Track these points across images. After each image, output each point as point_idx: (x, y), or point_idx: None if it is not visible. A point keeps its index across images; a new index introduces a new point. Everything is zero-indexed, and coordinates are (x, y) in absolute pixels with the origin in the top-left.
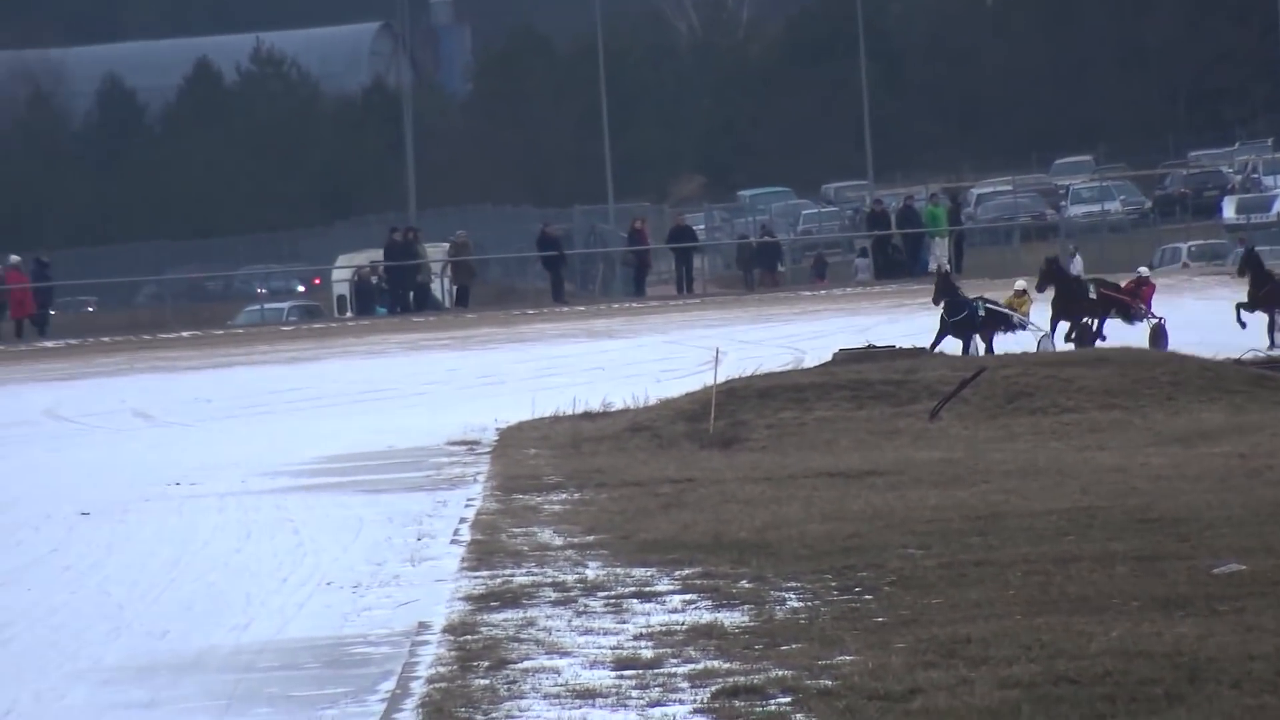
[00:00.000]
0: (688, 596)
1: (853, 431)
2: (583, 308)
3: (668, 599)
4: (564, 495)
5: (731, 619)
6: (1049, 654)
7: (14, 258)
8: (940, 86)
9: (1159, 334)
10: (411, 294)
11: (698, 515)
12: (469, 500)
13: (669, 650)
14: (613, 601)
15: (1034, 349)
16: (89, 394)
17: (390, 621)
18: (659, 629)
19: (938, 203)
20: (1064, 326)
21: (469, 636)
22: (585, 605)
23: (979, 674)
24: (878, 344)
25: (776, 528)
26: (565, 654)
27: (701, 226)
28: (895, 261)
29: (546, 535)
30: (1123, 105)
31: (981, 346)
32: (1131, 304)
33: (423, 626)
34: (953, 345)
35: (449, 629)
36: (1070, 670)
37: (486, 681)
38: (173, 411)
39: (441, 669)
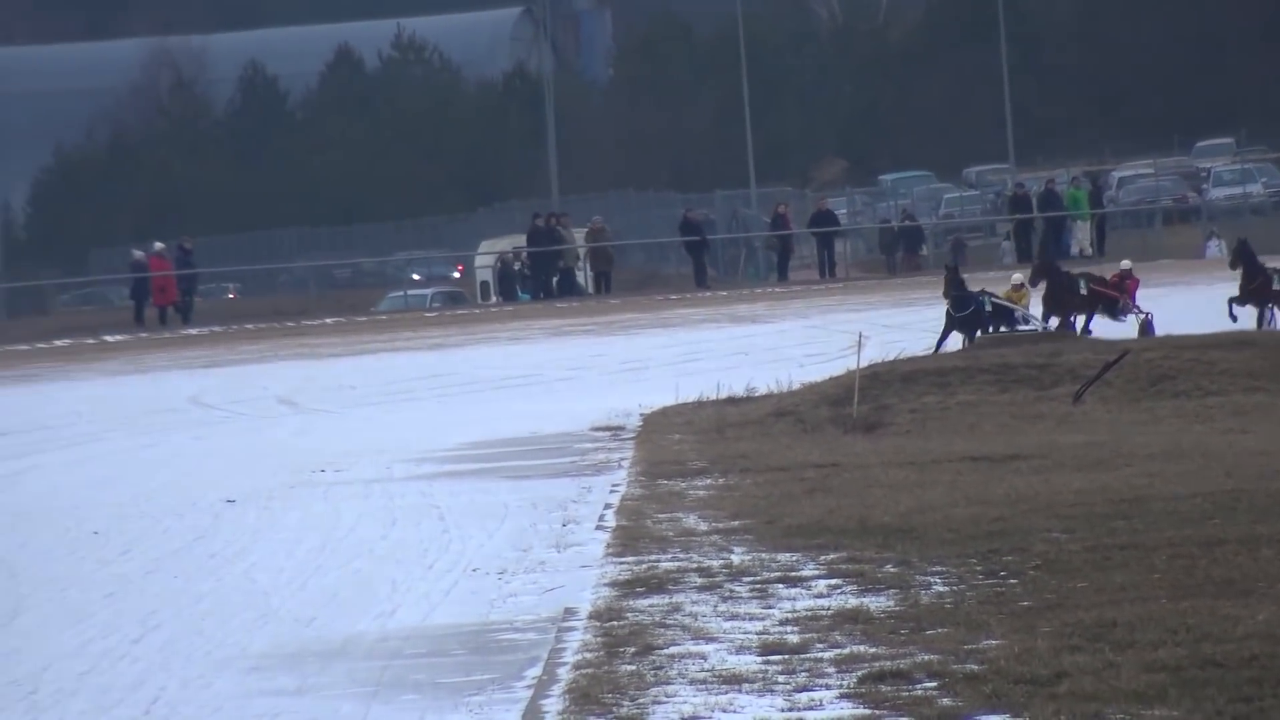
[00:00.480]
0: (833, 581)
1: (996, 415)
2: (725, 293)
3: (813, 584)
4: (708, 480)
5: (877, 604)
6: (1195, 638)
7: (157, 245)
8: (1081, 68)
9: (1146, 329)
10: (555, 279)
11: (842, 500)
12: (614, 486)
13: (815, 635)
14: (758, 586)
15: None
16: (233, 381)
17: (536, 607)
18: (805, 614)
19: (1079, 186)
20: (1054, 322)
21: (615, 622)
22: (731, 590)
23: (1125, 658)
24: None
25: (921, 512)
26: (711, 639)
27: (843, 211)
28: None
29: (691, 520)
30: (1265, 86)
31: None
32: (1119, 299)
33: (569, 612)
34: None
35: (595, 615)
36: (1216, 654)
37: (633, 667)
38: (317, 398)
39: (588, 655)
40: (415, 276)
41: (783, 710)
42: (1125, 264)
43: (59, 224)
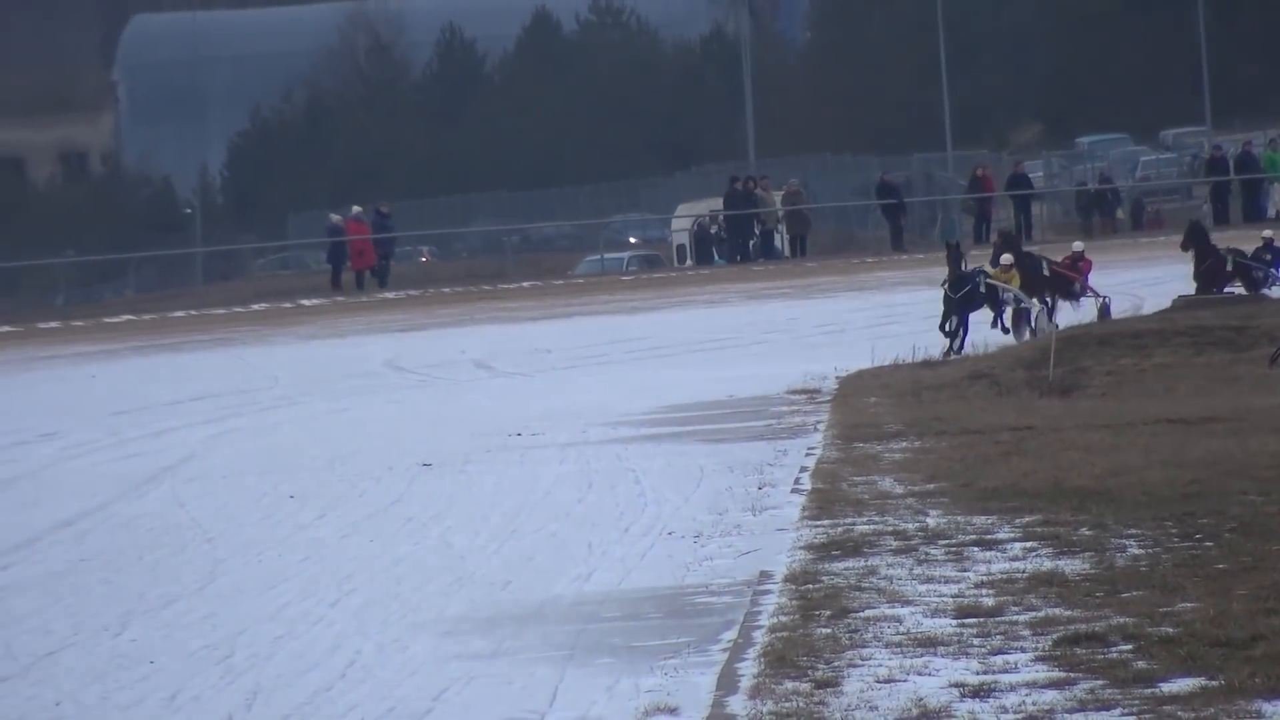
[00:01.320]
0: (1028, 544)
1: (1191, 378)
2: (922, 255)
3: (1008, 547)
4: (904, 443)
5: (1072, 566)
6: None
7: (354, 209)
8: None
9: (1105, 313)
10: (752, 242)
11: (1037, 463)
12: (809, 449)
13: (1010, 598)
14: (953, 549)
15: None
16: (429, 345)
17: (732, 571)
18: (1000, 577)
19: (1276, 148)
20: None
21: (810, 585)
22: (926, 553)
23: None
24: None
25: (1116, 475)
26: (906, 602)
27: (1039, 174)
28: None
29: (887, 483)
30: None
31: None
32: (1075, 280)
33: (764, 576)
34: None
35: (790, 578)
36: None
37: (828, 630)
38: (513, 362)
39: (783, 618)
40: (632, 240)
41: (977, 673)
42: (1077, 245)
43: (256, 188)
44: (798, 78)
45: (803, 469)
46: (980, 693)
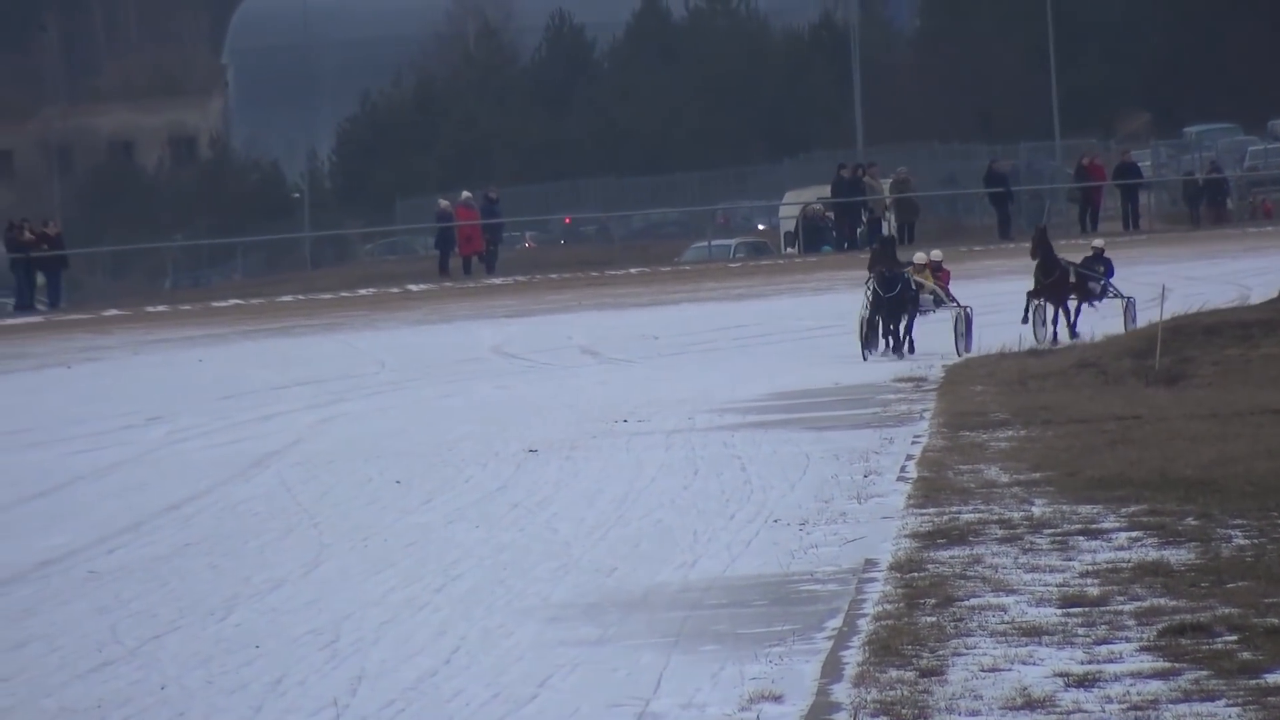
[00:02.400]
0: (1133, 534)
1: None
2: (1029, 244)
3: (1113, 536)
4: (1010, 432)
5: (1177, 556)
6: None
7: (463, 194)
8: None
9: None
10: (859, 230)
11: (1143, 452)
12: (915, 437)
13: (1115, 588)
14: (1059, 539)
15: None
16: (536, 330)
17: (837, 558)
18: (1105, 566)
19: None
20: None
21: (915, 574)
22: (1031, 542)
23: None
24: None
25: (1222, 465)
26: (1011, 591)
27: (1147, 163)
28: None
29: (993, 472)
30: None
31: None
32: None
33: (869, 564)
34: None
35: (895, 566)
36: None
37: (933, 619)
38: (620, 348)
39: (888, 606)
40: (760, 226)
41: (1082, 663)
42: (935, 254)
43: (364, 173)
44: (906, 65)
45: (909, 457)
46: (1085, 682)
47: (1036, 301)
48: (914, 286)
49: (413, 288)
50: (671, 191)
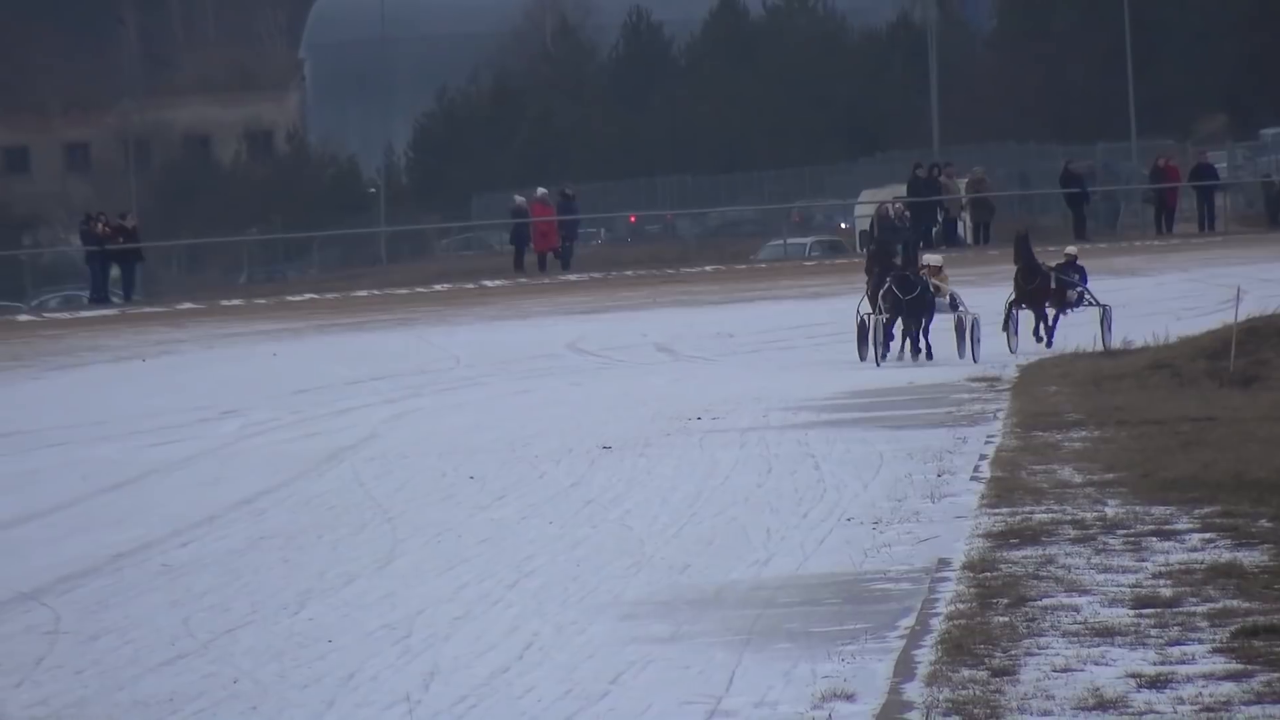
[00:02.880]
0: (1207, 535)
1: None
2: (1104, 245)
3: (1187, 537)
4: (1084, 432)
5: (1251, 558)
6: None
7: (539, 190)
8: None
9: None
10: (935, 229)
11: (1218, 454)
12: (989, 437)
13: (1188, 589)
14: (1132, 539)
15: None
16: (611, 328)
17: (910, 558)
18: (1178, 567)
19: None
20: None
21: (988, 573)
22: (1104, 543)
23: None
24: None
25: None
26: (1084, 592)
27: (1223, 165)
28: None
29: (1066, 473)
30: None
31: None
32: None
33: (942, 563)
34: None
35: (968, 566)
36: None
37: (1006, 619)
38: (695, 345)
39: (961, 606)
40: (843, 225)
41: (1154, 664)
42: (935, 258)
43: (440, 169)
44: (983, 65)
45: (982, 457)
46: (1157, 683)
47: (1017, 310)
48: (931, 289)
49: (488, 283)
50: (747, 189)
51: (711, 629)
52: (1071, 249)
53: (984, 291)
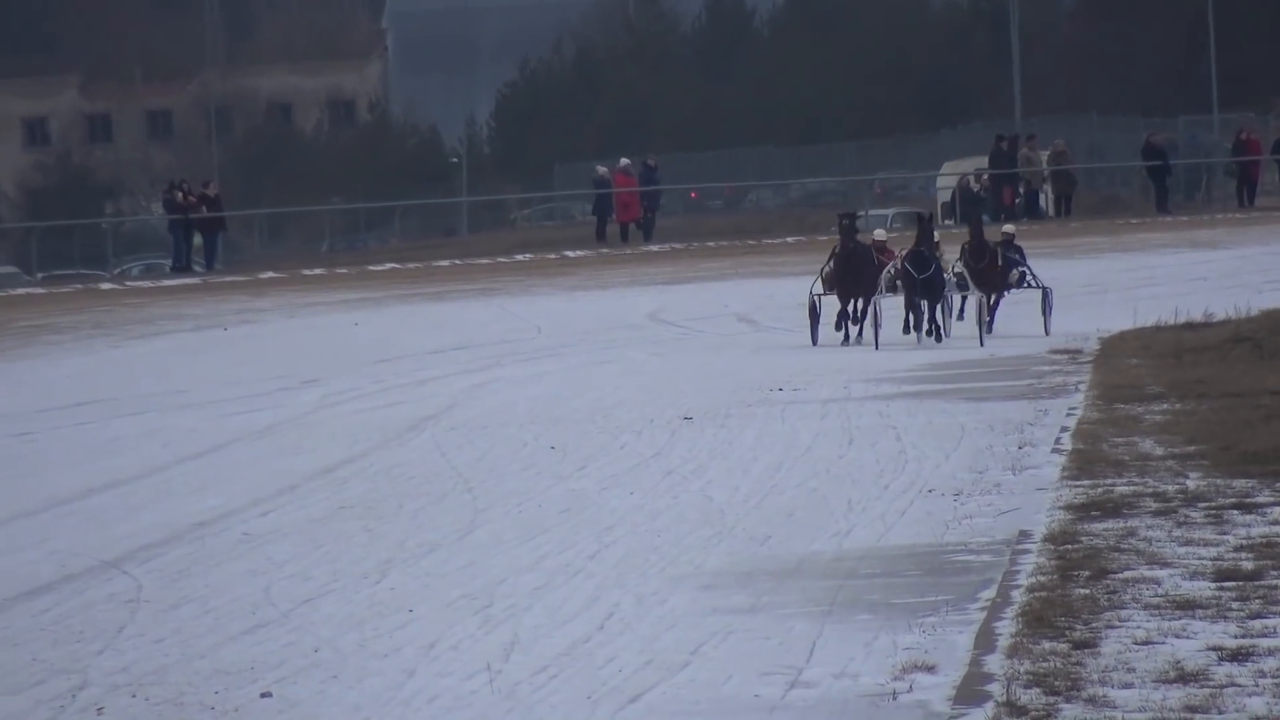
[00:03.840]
0: None
1: None
2: (1186, 218)
3: (1268, 510)
4: (1165, 405)
5: None
6: None
7: (622, 161)
8: None
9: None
10: (1017, 201)
11: None
12: (1070, 409)
13: (1270, 562)
14: (1213, 512)
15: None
16: (692, 298)
17: (991, 530)
18: (1259, 541)
19: None
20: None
21: (1069, 546)
22: (1185, 516)
23: None
24: None
25: None
26: (1165, 564)
27: None
28: None
29: (1147, 445)
30: None
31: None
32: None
33: (1023, 535)
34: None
35: (1049, 538)
36: None
37: (1086, 591)
38: (776, 316)
39: (1041, 578)
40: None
41: (1235, 637)
42: (879, 234)
43: (522, 139)
44: (1065, 37)
45: (1063, 429)
46: (1239, 656)
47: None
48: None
49: (569, 254)
50: (829, 161)
51: (792, 600)
52: (1009, 227)
53: (1065, 265)
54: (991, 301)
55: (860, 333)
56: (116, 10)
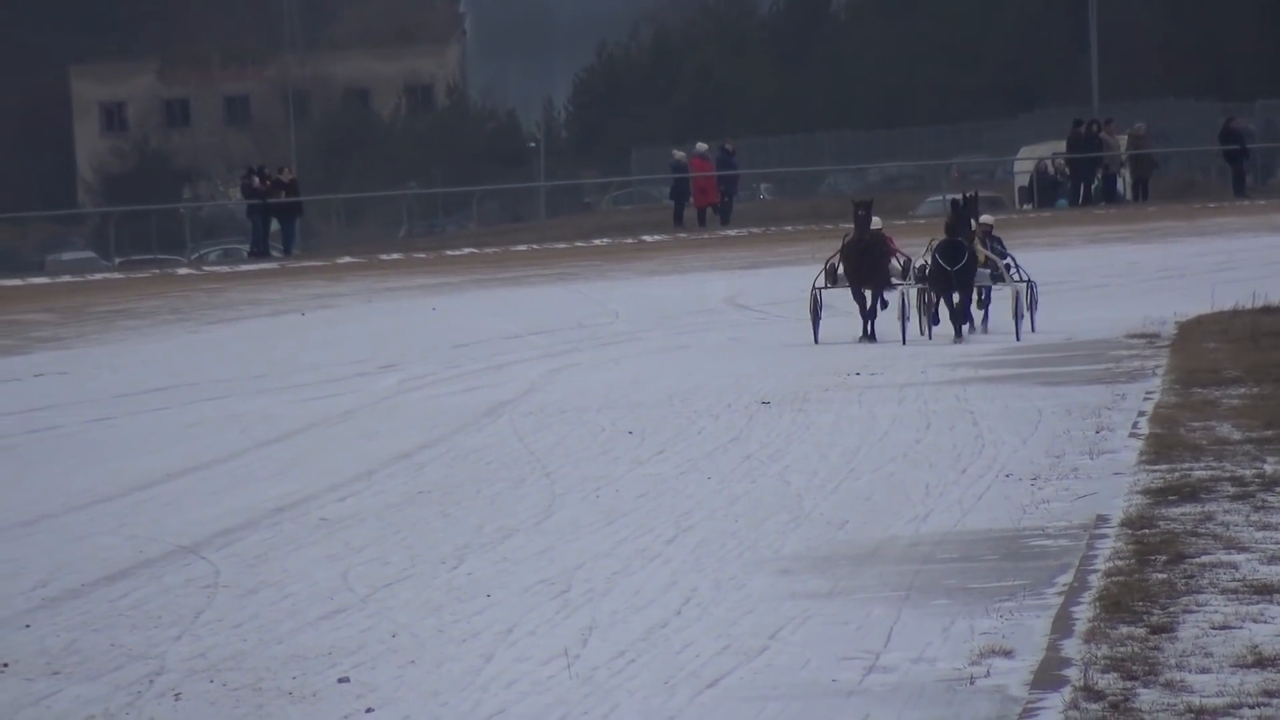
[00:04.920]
0: None
1: None
2: (1264, 202)
3: None
4: (1242, 389)
5: None
6: None
7: (700, 146)
8: None
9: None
10: (1094, 186)
11: None
12: (1147, 393)
13: None
14: None
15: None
16: (770, 283)
17: (1068, 514)
18: None
19: None
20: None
21: (1146, 530)
22: (1263, 500)
23: None
24: None
25: None
26: (1243, 549)
27: None
28: None
29: (1225, 429)
30: None
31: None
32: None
33: (1100, 520)
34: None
35: (1126, 522)
36: None
37: (1164, 576)
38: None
39: (1119, 563)
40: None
41: None
42: (986, 218)
43: (600, 123)
44: (1143, 21)
45: (1140, 413)
46: None
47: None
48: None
49: (647, 238)
50: (906, 145)
51: (870, 584)
52: (987, 218)
53: (1142, 249)
54: (982, 298)
55: (870, 328)
56: None
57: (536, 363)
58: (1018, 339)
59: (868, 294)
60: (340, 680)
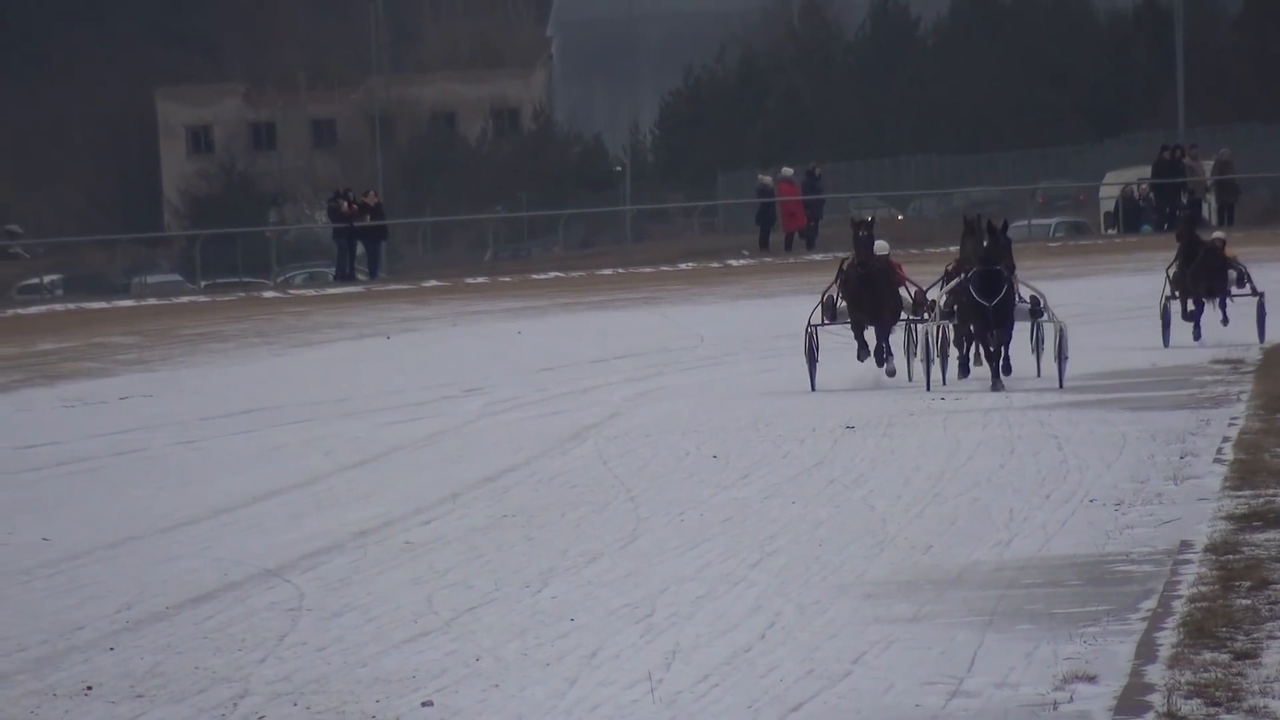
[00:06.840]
0: None
1: None
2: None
3: None
4: None
5: None
6: None
7: (786, 170)
8: None
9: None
10: (1180, 211)
11: None
12: (1232, 419)
13: None
14: None
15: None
16: None
17: (1152, 540)
18: None
19: None
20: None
21: (1231, 556)
22: None
23: None
24: None
25: None
26: None
27: None
28: None
29: None
30: None
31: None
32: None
33: (1184, 545)
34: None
35: (1211, 548)
36: None
37: (1248, 602)
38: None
39: (1203, 588)
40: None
41: None
42: (881, 245)
43: (686, 147)
44: (1230, 46)
45: (1225, 439)
46: None
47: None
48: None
49: (733, 263)
50: (991, 170)
51: (954, 609)
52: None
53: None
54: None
55: (884, 360)
56: (281, 18)
57: (621, 386)
58: (1060, 385)
59: (870, 332)
60: (424, 704)
